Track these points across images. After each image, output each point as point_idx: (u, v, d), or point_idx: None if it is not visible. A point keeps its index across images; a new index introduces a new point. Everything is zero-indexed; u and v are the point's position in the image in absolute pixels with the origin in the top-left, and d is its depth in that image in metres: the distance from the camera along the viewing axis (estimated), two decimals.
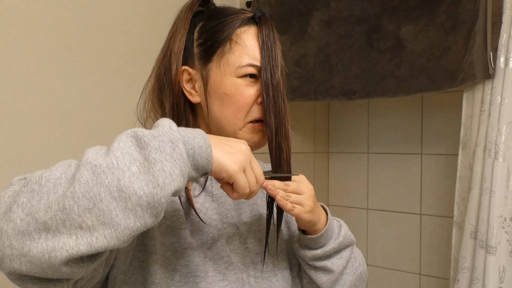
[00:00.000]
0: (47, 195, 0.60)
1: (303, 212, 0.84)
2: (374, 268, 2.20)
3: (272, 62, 0.83)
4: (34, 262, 0.60)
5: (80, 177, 0.60)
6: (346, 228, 0.96)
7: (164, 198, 0.62)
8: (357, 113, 2.27)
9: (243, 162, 0.71)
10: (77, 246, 0.59)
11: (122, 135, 0.65)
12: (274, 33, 0.86)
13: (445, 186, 1.99)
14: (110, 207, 0.59)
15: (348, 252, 0.95)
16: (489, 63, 1.49)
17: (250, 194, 0.74)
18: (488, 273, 1.45)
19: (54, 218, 0.59)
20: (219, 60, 0.85)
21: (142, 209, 0.60)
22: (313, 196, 0.87)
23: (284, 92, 0.85)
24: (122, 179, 0.60)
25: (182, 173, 0.64)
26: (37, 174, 0.63)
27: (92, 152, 0.63)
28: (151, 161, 0.62)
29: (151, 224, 0.62)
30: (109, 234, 0.60)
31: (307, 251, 0.91)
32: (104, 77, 1.49)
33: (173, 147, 0.63)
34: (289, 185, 0.84)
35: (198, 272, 0.82)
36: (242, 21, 0.86)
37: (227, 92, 0.85)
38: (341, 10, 1.78)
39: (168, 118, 0.86)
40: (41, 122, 1.34)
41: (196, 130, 0.69)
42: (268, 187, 0.80)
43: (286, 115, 0.84)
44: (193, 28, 0.88)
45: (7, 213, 0.61)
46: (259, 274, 0.91)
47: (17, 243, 0.60)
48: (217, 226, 0.88)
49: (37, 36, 1.33)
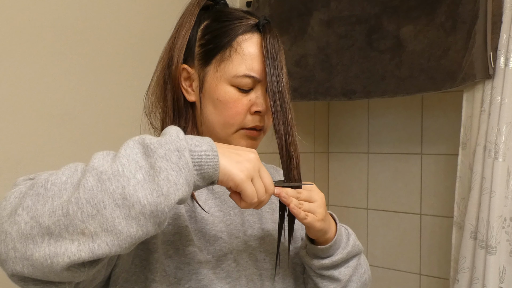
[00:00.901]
0: (52, 200, 0.60)
1: (316, 220, 0.83)
2: (374, 268, 2.20)
3: (278, 70, 0.83)
4: (36, 266, 0.60)
5: (85, 183, 0.60)
6: (354, 237, 0.95)
7: (168, 207, 0.62)
8: (357, 113, 2.27)
9: (251, 171, 0.71)
10: (79, 253, 0.59)
11: (130, 141, 0.65)
12: (279, 41, 0.86)
13: (445, 186, 1.99)
14: (113, 215, 0.59)
15: (355, 261, 0.94)
16: (489, 63, 1.49)
17: (259, 203, 0.73)
18: (488, 273, 1.45)
19: (58, 223, 0.59)
20: (217, 65, 0.85)
21: (145, 217, 0.60)
22: (324, 204, 0.86)
23: (289, 99, 0.85)
24: (127, 187, 0.60)
25: (187, 182, 0.64)
26: (44, 177, 0.63)
27: (99, 157, 0.63)
28: (157, 170, 0.62)
29: (153, 233, 0.62)
30: (111, 242, 0.60)
31: (315, 260, 0.90)
32: (105, 76, 1.49)
33: (179, 156, 0.63)
34: (301, 193, 0.83)
35: (200, 270, 0.82)
36: (246, 27, 0.86)
37: (220, 99, 0.85)
38: (341, 10, 1.78)
39: (170, 111, 0.87)
40: (41, 122, 1.34)
41: (204, 139, 0.69)
42: (281, 194, 0.79)
43: (293, 122, 0.84)
44: (198, 25, 0.88)
45: (12, 215, 0.61)
46: (263, 272, 0.90)
47: (20, 246, 0.60)
48: (219, 224, 0.88)
49: (37, 36, 1.33)
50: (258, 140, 0.89)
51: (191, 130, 0.89)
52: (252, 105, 0.86)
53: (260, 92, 0.86)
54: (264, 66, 0.84)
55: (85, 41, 1.44)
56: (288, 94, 0.84)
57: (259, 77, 0.85)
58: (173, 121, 0.88)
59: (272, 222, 0.96)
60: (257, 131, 0.88)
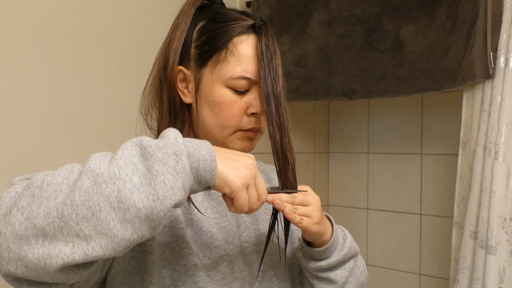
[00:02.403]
0: (47, 201, 0.60)
1: (311, 224, 0.83)
2: (374, 268, 2.20)
3: (273, 73, 0.82)
4: (30, 267, 0.60)
5: (81, 185, 0.60)
6: (350, 239, 0.94)
7: (163, 211, 0.61)
8: (357, 113, 2.27)
9: (248, 178, 0.70)
10: (73, 255, 0.59)
11: (127, 143, 0.64)
12: (274, 42, 0.85)
13: (445, 186, 1.99)
14: (108, 218, 0.59)
15: (351, 263, 0.94)
16: (489, 63, 1.49)
17: (249, 211, 0.72)
18: (488, 273, 1.45)
19: (52, 224, 0.59)
20: (213, 67, 0.85)
21: (140, 221, 0.60)
22: (320, 207, 0.85)
23: (285, 102, 0.84)
24: (123, 190, 0.59)
25: (183, 186, 0.63)
26: (40, 177, 0.63)
27: (96, 159, 0.62)
28: (154, 173, 0.61)
29: (148, 236, 0.62)
30: (105, 245, 0.59)
31: (311, 262, 0.90)
32: (103, 76, 1.49)
33: (176, 160, 0.63)
34: (296, 197, 0.83)
35: (195, 272, 0.82)
36: (242, 29, 0.85)
37: (216, 101, 0.84)
38: (341, 10, 1.78)
39: (166, 113, 0.86)
40: (41, 122, 1.34)
41: (203, 142, 0.69)
42: (275, 201, 0.79)
43: (289, 125, 0.83)
44: (194, 26, 0.87)
45: (7, 216, 0.61)
46: (259, 274, 0.90)
47: (14, 246, 0.60)
48: (215, 226, 0.88)
49: (36, 37, 1.33)
50: (255, 141, 0.89)
51: (188, 132, 0.89)
52: (248, 107, 0.85)
53: (256, 93, 0.85)
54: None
55: (82, 41, 1.44)
56: (284, 97, 0.83)
57: (254, 79, 0.84)
58: (169, 123, 0.87)
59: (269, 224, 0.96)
60: (254, 132, 0.87)
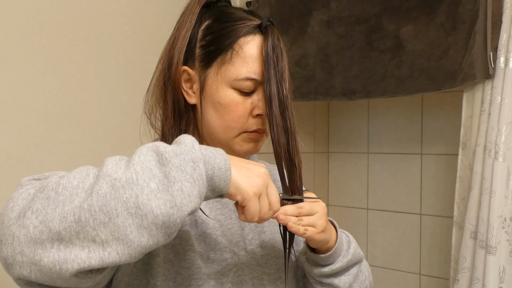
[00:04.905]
0: (63, 204, 0.60)
1: (316, 233, 0.81)
2: (374, 268, 2.20)
3: (278, 75, 0.80)
4: (44, 272, 0.59)
5: (98, 190, 0.59)
6: (355, 244, 0.92)
7: (180, 218, 0.61)
8: (357, 113, 2.27)
9: (260, 187, 0.70)
10: (89, 260, 0.59)
11: (143, 148, 0.64)
12: (281, 43, 0.83)
13: (445, 186, 1.99)
14: (125, 223, 0.59)
15: (355, 269, 0.92)
16: (489, 63, 1.49)
17: (259, 220, 0.72)
18: (488, 273, 1.45)
19: (69, 229, 0.59)
20: (218, 68, 0.83)
21: (157, 228, 0.60)
22: (325, 215, 0.84)
23: (292, 105, 0.82)
24: (140, 196, 0.59)
25: (200, 194, 0.63)
26: (54, 179, 0.62)
27: (112, 163, 0.62)
28: (171, 180, 0.61)
29: (163, 243, 0.62)
30: (122, 250, 0.59)
31: (314, 268, 0.89)
32: (105, 76, 1.49)
33: (194, 167, 0.62)
34: (302, 207, 0.81)
35: (200, 275, 0.81)
36: (248, 29, 0.83)
37: (221, 102, 0.83)
38: (341, 10, 1.78)
39: (170, 114, 0.85)
40: (41, 122, 1.34)
41: (218, 150, 0.68)
42: (279, 217, 0.77)
43: (296, 129, 0.81)
44: (199, 25, 0.86)
45: (21, 218, 0.60)
46: (265, 277, 0.89)
47: (28, 250, 0.59)
48: (220, 228, 0.87)
49: (37, 36, 1.33)
50: (260, 142, 0.88)
51: (192, 133, 0.88)
52: (254, 108, 0.84)
53: (262, 94, 0.83)
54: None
55: (85, 40, 1.44)
56: (291, 100, 0.81)
57: (260, 79, 0.82)
58: (174, 124, 0.86)
59: (274, 225, 0.95)
60: (259, 133, 0.86)
